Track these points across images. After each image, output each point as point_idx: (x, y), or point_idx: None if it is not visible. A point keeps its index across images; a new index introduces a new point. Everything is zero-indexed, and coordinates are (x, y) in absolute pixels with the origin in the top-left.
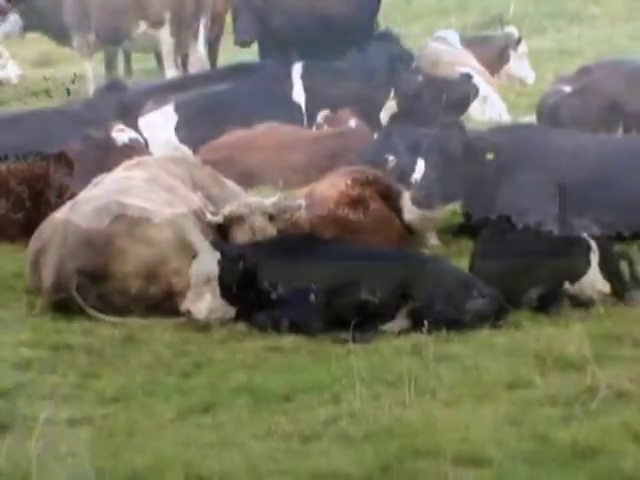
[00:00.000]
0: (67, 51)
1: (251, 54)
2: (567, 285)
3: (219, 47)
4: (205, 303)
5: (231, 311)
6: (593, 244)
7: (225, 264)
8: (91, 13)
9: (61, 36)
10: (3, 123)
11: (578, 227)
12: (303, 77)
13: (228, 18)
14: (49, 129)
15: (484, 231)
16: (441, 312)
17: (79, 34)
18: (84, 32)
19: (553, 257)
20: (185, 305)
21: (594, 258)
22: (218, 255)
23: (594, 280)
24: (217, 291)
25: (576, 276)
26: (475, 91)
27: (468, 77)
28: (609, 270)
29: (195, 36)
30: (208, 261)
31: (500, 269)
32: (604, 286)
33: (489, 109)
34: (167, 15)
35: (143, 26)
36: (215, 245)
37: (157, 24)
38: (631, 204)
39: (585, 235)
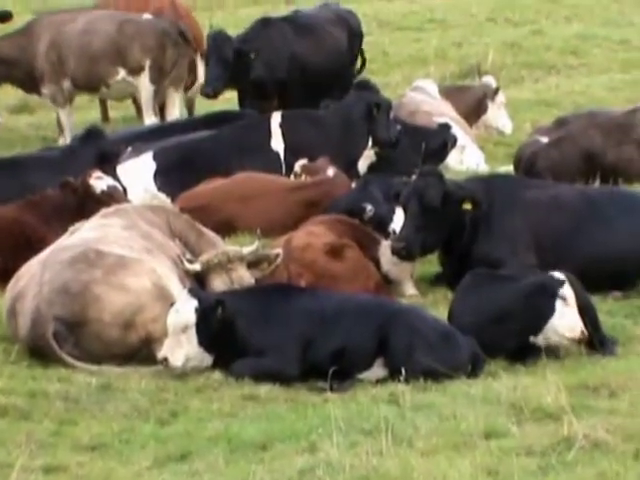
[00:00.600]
0: None
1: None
2: (532, 337)
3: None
4: (182, 351)
5: (208, 359)
6: (562, 290)
7: (203, 312)
8: (67, 60)
9: (29, 84)
10: None
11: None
12: (282, 126)
13: None
14: (27, 176)
15: (462, 281)
16: (418, 361)
17: (52, 82)
18: (59, 79)
19: (521, 307)
20: (162, 353)
21: (560, 304)
22: (196, 303)
23: (558, 326)
24: (195, 339)
25: (539, 325)
26: (453, 140)
27: (446, 127)
28: (585, 320)
29: (174, 84)
30: (186, 309)
31: (477, 320)
32: (571, 331)
33: (467, 159)
34: (147, 62)
35: (122, 73)
36: (193, 293)
37: (136, 71)
38: (607, 254)
39: (553, 281)
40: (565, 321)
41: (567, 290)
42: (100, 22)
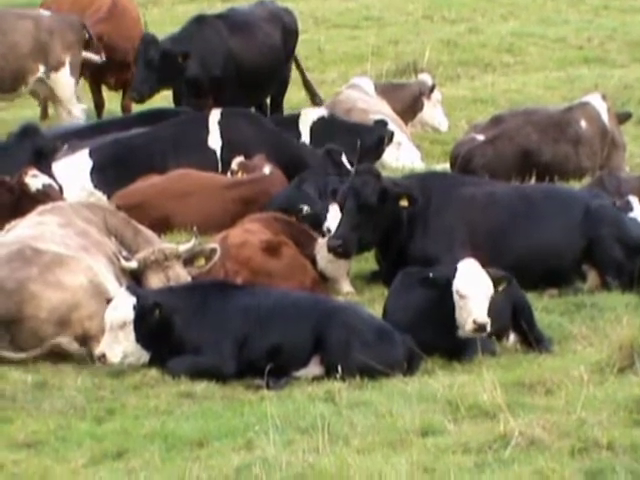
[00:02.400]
0: None
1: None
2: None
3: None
4: (120, 347)
5: (145, 356)
6: (455, 284)
7: (141, 309)
8: None
9: None
10: None
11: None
12: (220, 123)
13: None
14: None
15: (396, 279)
16: (354, 359)
17: None
18: None
19: (435, 305)
20: (100, 349)
21: (457, 298)
22: (134, 300)
23: (459, 320)
24: (132, 336)
25: (452, 321)
26: (390, 135)
27: (382, 123)
28: (519, 318)
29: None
30: (124, 306)
31: (411, 317)
32: (468, 323)
33: (403, 156)
34: (67, 58)
35: (42, 69)
36: (131, 290)
37: (57, 67)
38: (542, 251)
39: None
40: (463, 314)
41: (459, 283)
42: (14, 19)
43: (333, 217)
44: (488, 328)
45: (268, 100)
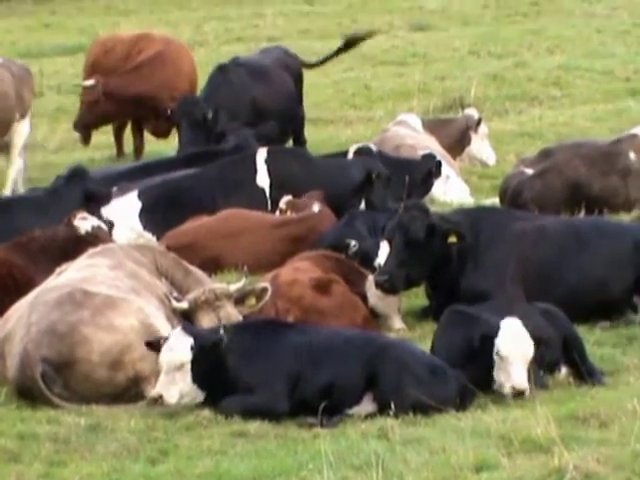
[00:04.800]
0: None
1: None
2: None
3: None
4: (177, 388)
5: (200, 396)
6: (497, 346)
7: (199, 350)
8: None
9: None
10: None
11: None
12: (267, 162)
13: None
14: (12, 218)
15: (443, 316)
16: (407, 395)
17: None
18: None
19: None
20: (157, 390)
21: (497, 359)
22: (191, 341)
23: (496, 378)
24: (189, 376)
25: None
26: (438, 164)
27: (430, 156)
28: (570, 351)
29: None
30: (181, 347)
31: (453, 357)
32: (503, 387)
33: (451, 189)
34: (31, 105)
35: (17, 117)
36: (187, 331)
37: (24, 115)
38: (589, 284)
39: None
40: (502, 375)
41: (501, 344)
42: None
43: (384, 254)
44: (527, 394)
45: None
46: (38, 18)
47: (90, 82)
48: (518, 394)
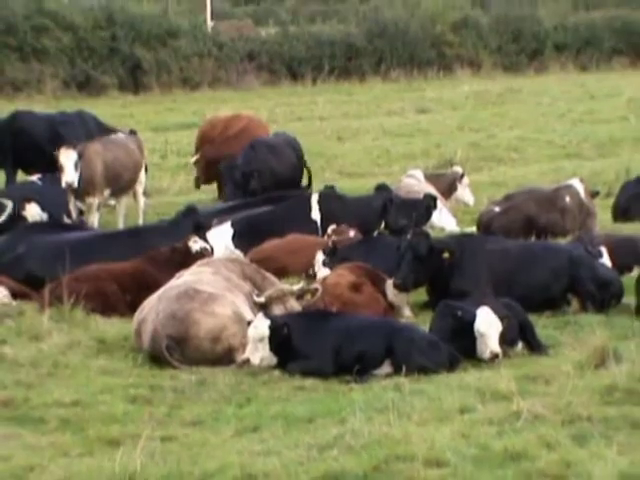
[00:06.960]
0: None
1: None
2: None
3: None
4: (259, 354)
5: (274, 360)
6: (475, 324)
7: (274, 328)
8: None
9: None
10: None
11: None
12: (319, 202)
13: None
14: (146, 239)
15: (437, 307)
16: (414, 361)
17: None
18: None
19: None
20: (245, 355)
21: (477, 335)
22: (269, 322)
23: (478, 351)
24: (267, 346)
25: (472, 349)
26: (434, 199)
27: (429, 195)
28: (524, 332)
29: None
30: (262, 326)
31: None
32: (485, 353)
33: (443, 219)
34: None
35: None
36: (266, 315)
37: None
38: (537, 285)
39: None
40: (482, 346)
41: (479, 324)
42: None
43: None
44: (500, 356)
45: None
46: (164, 104)
47: (194, 159)
48: (495, 357)
